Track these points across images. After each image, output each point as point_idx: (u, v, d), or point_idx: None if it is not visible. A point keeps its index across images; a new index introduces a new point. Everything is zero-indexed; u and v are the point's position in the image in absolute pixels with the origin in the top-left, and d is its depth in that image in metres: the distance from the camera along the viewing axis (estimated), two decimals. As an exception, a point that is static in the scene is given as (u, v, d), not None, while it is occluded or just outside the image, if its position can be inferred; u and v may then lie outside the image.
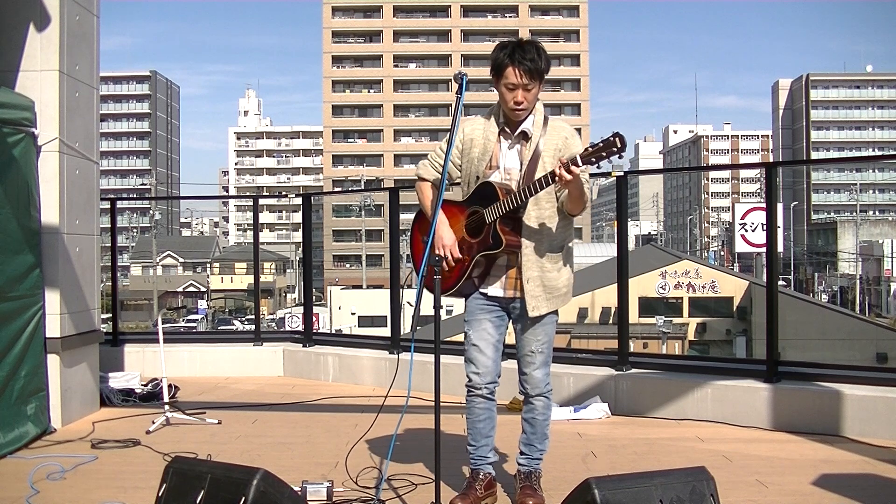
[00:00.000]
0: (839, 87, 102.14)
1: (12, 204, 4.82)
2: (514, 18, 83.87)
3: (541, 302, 3.52)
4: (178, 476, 3.01)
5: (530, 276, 3.49)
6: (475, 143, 3.55)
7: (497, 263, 3.54)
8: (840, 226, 70.10)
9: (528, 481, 3.63)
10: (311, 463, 4.39)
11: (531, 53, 3.38)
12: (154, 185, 79.02)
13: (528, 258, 3.49)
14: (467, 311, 3.63)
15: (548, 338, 3.60)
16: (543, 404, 3.63)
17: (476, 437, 3.65)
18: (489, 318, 3.59)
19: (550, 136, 3.49)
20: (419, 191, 3.70)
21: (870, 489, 3.84)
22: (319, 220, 79.68)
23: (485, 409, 3.63)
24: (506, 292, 3.56)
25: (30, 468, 4.15)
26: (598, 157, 3.20)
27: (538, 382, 3.59)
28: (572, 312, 31.86)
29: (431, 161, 3.67)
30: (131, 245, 73.01)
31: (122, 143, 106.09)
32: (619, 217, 6.17)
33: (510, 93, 3.41)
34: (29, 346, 4.91)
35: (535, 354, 3.58)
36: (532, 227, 3.48)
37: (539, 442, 3.65)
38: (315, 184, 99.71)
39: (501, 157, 3.53)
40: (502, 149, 3.53)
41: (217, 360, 7.49)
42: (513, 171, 3.50)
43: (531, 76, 3.38)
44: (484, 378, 3.59)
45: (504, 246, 3.42)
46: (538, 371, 3.59)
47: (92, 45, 5.71)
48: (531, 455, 3.66)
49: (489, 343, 3.59)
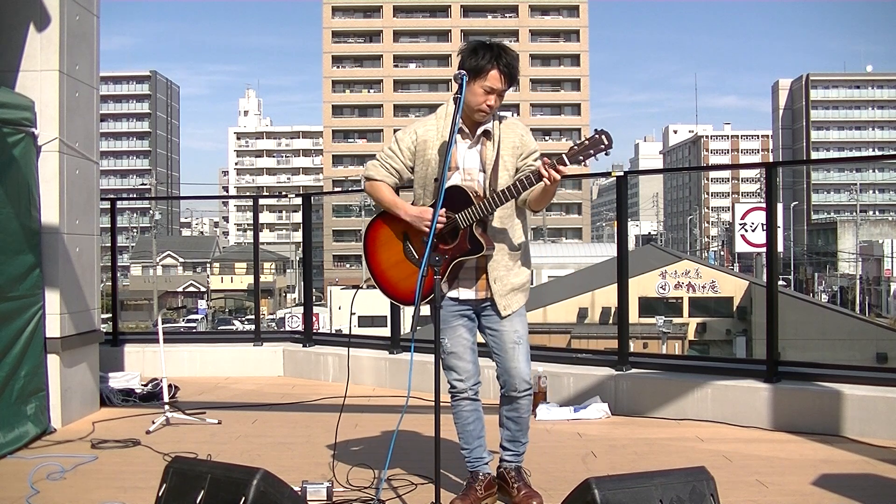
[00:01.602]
0: (839, 87, 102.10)
1: (13, 204, 4.82)
2: (514, 18, 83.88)
3: (510, 300, 3.52)
4: (178, 476, 3.01)
5: (497, 277, 3.47)
6: (430, 145, 3.48)
7: (465, 266, 3.48)
8: (840, 226, 70.06)
9: (520, 479, 3.61)
10: (311, 463, 4.39)
11: (513, 59, 3.38)
12: (154, 185, 79.07)
13: (496, 259, 3.47)
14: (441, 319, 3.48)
15: (524, 329, 3.59)
16: (528, 401, 3.63)
17: (468, 440, 3.62)
18: (462, 322, 3.55)
19: (506, 135, 3.45)
20: (373, 191, 3.58)
21: (870, 489, 3.84)
22: (319, 220, 79.70)
23: (472, 410, 3.60)
24: (477, 294, 3.52)
25: (30, 468, 4.15)
26: (585, 155, 3.16)
27: (524, 375, 3.55)
28: (572, 312, 31.86)
29: (381, 161, 3.57)
30: (131, 245, 72.98)
31: (122, 143, 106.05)
32: (619, 217, 6.17)
33: (485, 95, 3.35)
34: (29, 346, 4.91)
35: (518, 345, 3.54)
36: (496, 228, 3.46)
37: (524, 436, 3.66)
38: (315, 184, 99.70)
39: (460, 157, 3.46)
40: (460, 149, 3.46)
41: (217, 360, 7.49)
42: (473, 171, 3.44)
43: (510, 82, 3.37)
44: (467, 382, 3.56)
45: (485, 250, 3.38)
46: (523, 364, 3.55)
47: (92, 45, 5.71)
48: (517, 451, 3.66)
49: (466, 348, 3.55)
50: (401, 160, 3.54)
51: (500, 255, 3.48)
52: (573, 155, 3.17)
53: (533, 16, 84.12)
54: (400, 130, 3.68)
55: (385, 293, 3.61)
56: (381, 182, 3.56)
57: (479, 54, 3.35)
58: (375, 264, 3.62)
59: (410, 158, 3.53)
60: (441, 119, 3.50)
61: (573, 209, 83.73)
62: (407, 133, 3.56)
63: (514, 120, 3.56)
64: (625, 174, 5.93)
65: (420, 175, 3.52)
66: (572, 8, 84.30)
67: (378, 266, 3.61)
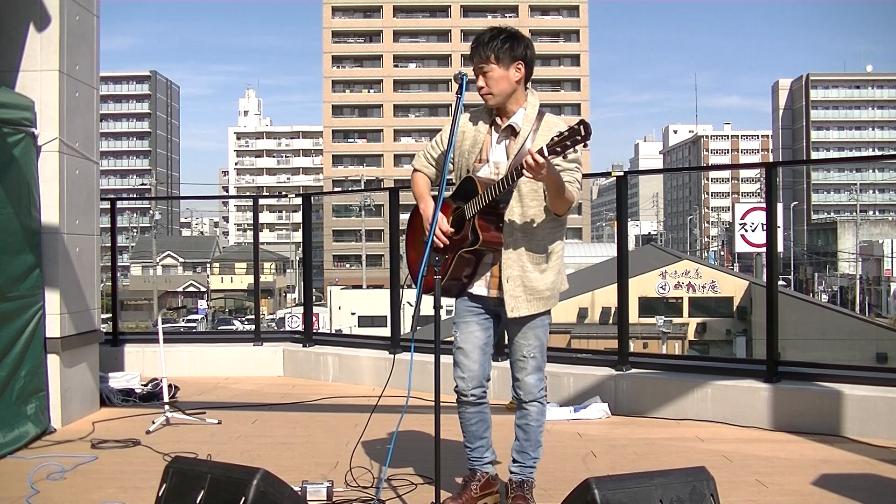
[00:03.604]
0: (839, 87, 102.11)
1: (13, 204, 4.82)
2: (514, 18, 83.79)
3: (520, 303, 3.42)
4: (178, 476, 3.01)
5: (510, 275, 3.41)
6: (466, 136, 3.52)
7: (483, 262, 3.46)
8: (840, 226, 70.05)
9: (520, 490, 3.53)
10: (311, 463, 4.39)
11: (486, 36, 3.40)
12: (154, 185, 79.00)
13: (509, 257, 3.41)
14: (456, 313, 3.57)
15: (539, 342, 3.50)
16: (538, 410, 3.54)
17: (470, 440, 3.60)
18: (476, 320, 3.51)
19: (543, 132, 3.40)
20: (413, 181, 3.69)
21: (870, 489, 3.84)
22: (319, 220, 79.64)
23: (475, 413, 3.57)
24: (489, 291, 3.48)
25: (30, 468, 4.15)
26: (563, 146, 3.12)
27: (531, 388, 3.50)
28: (572, 312, 31.88)
29: (426, 152, 3.65)
30: (131, 245, 72.99)
31: (122, 143, 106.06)
32: (619, 217, 6.17)
33: (477, 80, 3.43)
34: (29, 346, 4.91)
35: (527, 360, 3.49)
36: (515, 224, 3.40)
37: (532, 450, 3.55)
38: (315, 184, 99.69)
39: (491, 150, 3.48)
40: (492, 142, 3.49)
41: (217, 360, 7.49)
42: (500, 165, 3.43)
43: (483, 59, 3.38)
44: (469, 383, 3.51)
45: (481, 242, 3.33)
46: (531, 377, 3.50)
47: (92, 45, 5.71)
48: (524, 463, 3.56)
49: (475, 346, 3.51)
50: (442, 151, 3.58)
51: (517, 254, 3.40)
52: (552, 146, 3.14)
53: (533, 16, 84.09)
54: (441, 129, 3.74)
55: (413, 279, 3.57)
56: (420, 172, 3.65)
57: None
58: (410, 248, 3.70)
59: (453, 151, 3.55)
60: (478, 113, 3.56)
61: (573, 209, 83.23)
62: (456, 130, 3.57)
63: (556, 119, 3.47)
64: (625, 174, 5.93)
65: (458, 166, 3.57)
66: (572, 8, 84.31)
67: (411, 252, 3.68)
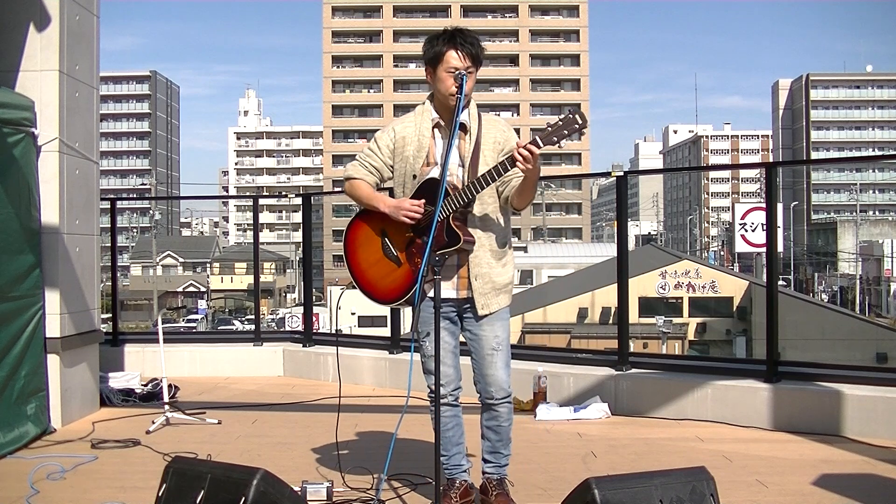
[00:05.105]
0: (839, 87, 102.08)
1: (13, 204, 4.82)
2: (514, 18, 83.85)
3: (489, 299, 3.43)
4: (178, 476, 3.01)
5: (479, 273, 3.39)
6: (408, 142, 3.45)
7: (447, 264, 3.38)
8: (840, 226, 70.07)
9: (500, 488, 3.51)
10: (311, 463, 4.39)
11: (471, 38, 3.36)
12: (154, 185, 79.05)
13: (477, 255, 3.39)
14: (421, 321, 3.44)
15: (505, 333, 3.49)
16: (507, 409, 3.50)
17: (447, 447, 3.52)
18: (443, 325, 3.42)
19: (488, 130, 3.41)
20: (352, 190, 3.55)
21: (870, 489, 3.84)
22: (319, 220, 79.62)
23: (451, 416, 3.52)
24: (458, 293, 3.44)
25: (30, 468, 4.15)
26: (559, 135, 3.08)
27: (503, 383, 3.46)
28: (572, 312, 31.87)
29: (361, 160, 3.56)
30: (131, 245, 72.96)
31: (122, 143, 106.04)
32: (618, 217, 6.17)
33: (451, 78, 3.31)
34: (29, 346, 4.91)
35: (497, 353, 3.45)
36: (479, 223, 3.39)
37: (505, 447, 3.53)
38: (315, 184, 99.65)
39: (438, 152, 3.42)
40: (437, 144, 3.44)
41: (217, 360, 7.49)
42: (452, 166, 3.38)
43: (472, 60, 3.34)
44: (447, 387, 3.47)
45: (462, 242, 3.29)
46: (502, 371, 3.46)
47: (92, 45, 5.71)
48: (498, 462, 3.54)
49: (447, 351, 3.45)
50: (380, 158, 3.51)
51: (483, 251, 3.40)
52: (547, 136, 3.10)
53: (533, 16, 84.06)
54: (380, 130, 3.66)
55: (365, 293, 3.53)
56: (360, 180, 3.53)
57: (433, 42, 3.38)
58: (355, 265, 3.56)
59: (390, 156, 3.50)
60: (419, 116, 3.48)
61: (573, 209, 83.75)
62: (386, 131, 3.54)
63: (494, 117, 3.52)
64: (625, 174, 5.92)
65: (399, 173, 3.49)
66: (572, 8, 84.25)
67: (358, 266, 3.55)
